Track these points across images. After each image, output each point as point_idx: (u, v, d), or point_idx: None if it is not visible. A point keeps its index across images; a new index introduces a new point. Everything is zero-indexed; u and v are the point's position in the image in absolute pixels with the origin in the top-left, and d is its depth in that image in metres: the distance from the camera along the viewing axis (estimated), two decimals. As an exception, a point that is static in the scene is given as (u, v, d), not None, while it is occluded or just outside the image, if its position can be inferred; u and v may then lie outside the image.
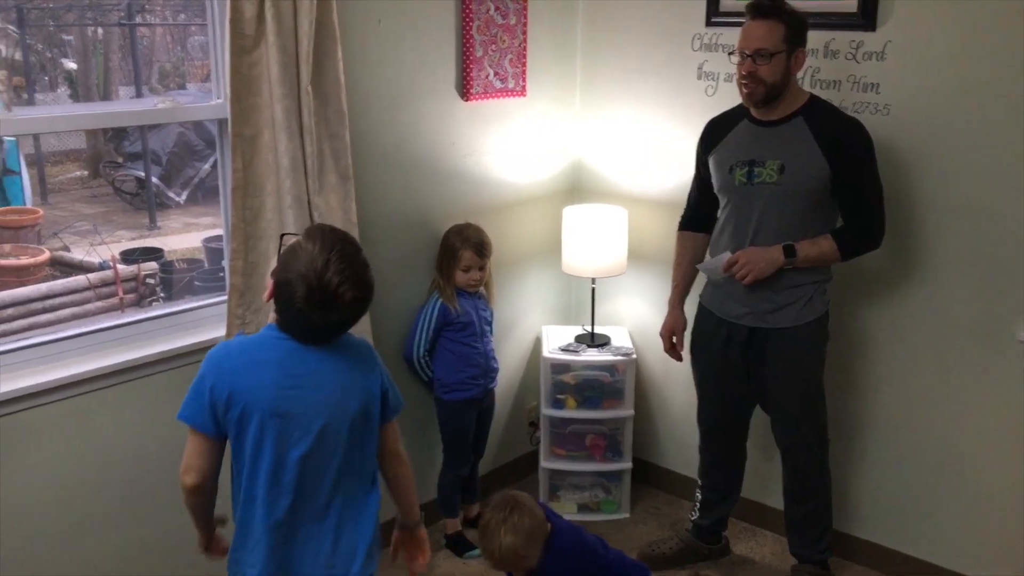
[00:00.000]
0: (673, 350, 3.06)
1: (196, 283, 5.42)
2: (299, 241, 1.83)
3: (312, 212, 2.62)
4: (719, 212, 2.88)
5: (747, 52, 2.61)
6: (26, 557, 2.39)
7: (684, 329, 3.03)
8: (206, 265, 5.81)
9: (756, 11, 2.62)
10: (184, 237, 6.84)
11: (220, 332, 2.65)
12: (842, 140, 2.64)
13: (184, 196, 7.56)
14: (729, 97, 2.97)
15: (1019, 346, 2.74)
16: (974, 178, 2.75)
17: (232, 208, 2.56)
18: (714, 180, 2.85)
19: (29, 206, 6.29)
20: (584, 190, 3.67)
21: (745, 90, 2.67)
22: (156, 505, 2.62)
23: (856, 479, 3.16)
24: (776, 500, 3.09)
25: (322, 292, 1.77)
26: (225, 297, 2.66)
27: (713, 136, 2.87)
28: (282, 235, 1.95)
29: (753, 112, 2.76)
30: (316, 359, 1.88)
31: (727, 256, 2.75)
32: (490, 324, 3.24)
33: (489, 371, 3.21)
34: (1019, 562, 2.87)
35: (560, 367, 3.44)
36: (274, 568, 1.92)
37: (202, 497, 1.94)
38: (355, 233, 2.76)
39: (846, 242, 2.71)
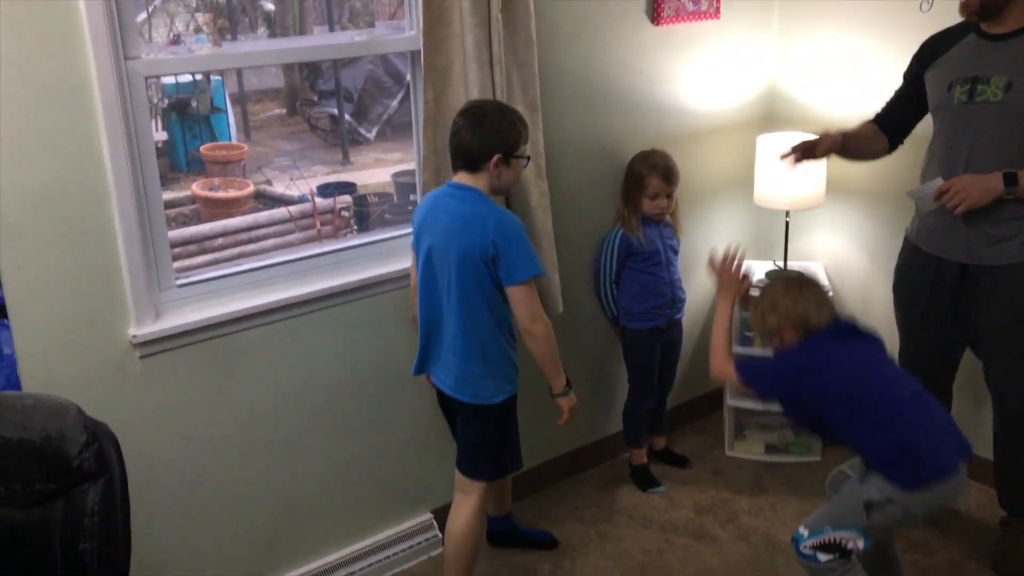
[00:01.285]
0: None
1: (387, 216, 5.61)
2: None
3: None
4: (932, 134, 2.66)
5: None
6: (247, 463, 2.58)
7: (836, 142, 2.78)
8: (395, 199, 5.99)
9: None
10: (375, 172, 7.06)
11: (408, 263, 2.71)
12: None
13: (374, 132, 7.80)
14: (946, 15, 2.71)
15: None
16: None
17: (424, 140, 2.60)
18: (930, 99, 2.64)
19: (235, 142, 6.67)
20: (779, 118, 3.49)
21: (960, 2, 2.47)
22: (353, 424, 2.76)
23: (1079, 431, 2.90)
24: (984, 449, 2.89)
25: None
26: (411, 230, 2.72)
27: (933, 51, 2.64)
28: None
29: (982, 25, 2.51)
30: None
31: (939, 182, 2.54)
32: (676, 252, 3.16)
33: (676, 301, 3.16)
34: None
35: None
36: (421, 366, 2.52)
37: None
38: (542, 163, 2.75)
39: None
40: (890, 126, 2.82)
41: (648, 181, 3.00)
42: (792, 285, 2.32)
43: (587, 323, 3.20)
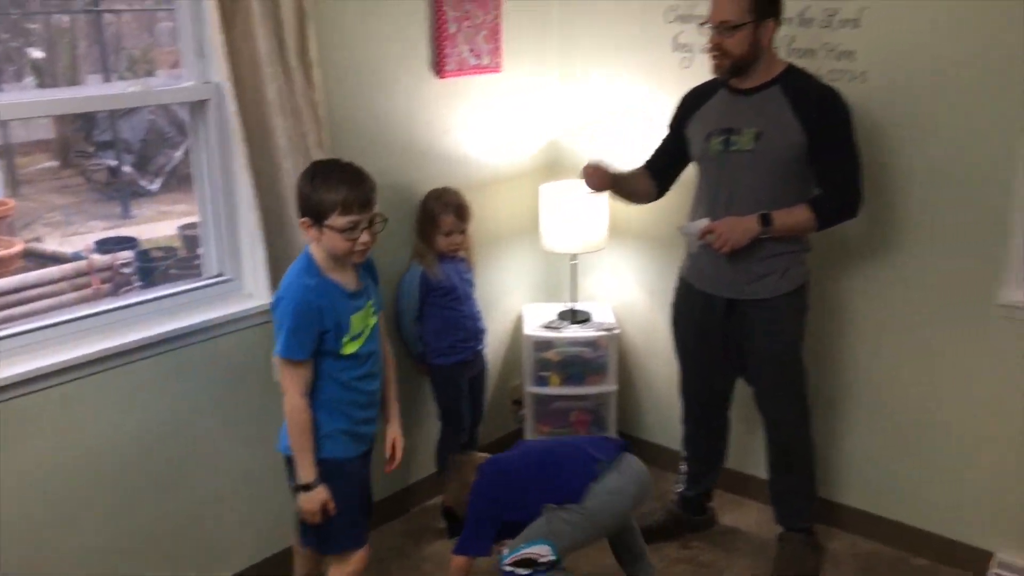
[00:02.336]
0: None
1: (172, 271, 5.37)
2: None
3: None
4: (696, 180, 2.88)
5: (712, 24, 2.61)
6: (15, 545, 2.36)
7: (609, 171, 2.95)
8: (182, 253, 5.75)
9: None
10: (158, 225, 6.76)
11: (198, 318, 2.64)
12: (819, 108, 2.64)
13: (158, 184, 7.47)
14: (705, 69, 2.93)
15: (998, 310, 2.77)
16: (949, 143, 2.76)
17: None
18: (691, 149, 2.85)
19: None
20: (561, 167, 3.66)
21: (713, 62, 2.68)
22: (141, 492, 2.60)
23: (839, 447, 3.18)
24: (761, 470, 3.11)
25: None
26: (201, 283, 2.68)
27: (691, 105, 2.87)
28: None
29: (731, 81, 2.75)
30: None
31: (705, 222, 2.75)
32: (473, 286, 3.23)
33: (478, 332, 3.22)
34: (1001, 523, 2.91)
35: (543, 344, 3.44)
36: None
37: None
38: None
39: (822, 211, 2.70)
40: (658, 173, 3.02)
41: (442, 219, 3.05)
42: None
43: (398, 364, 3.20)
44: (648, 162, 3.05)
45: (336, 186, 2.20)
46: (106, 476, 2.53)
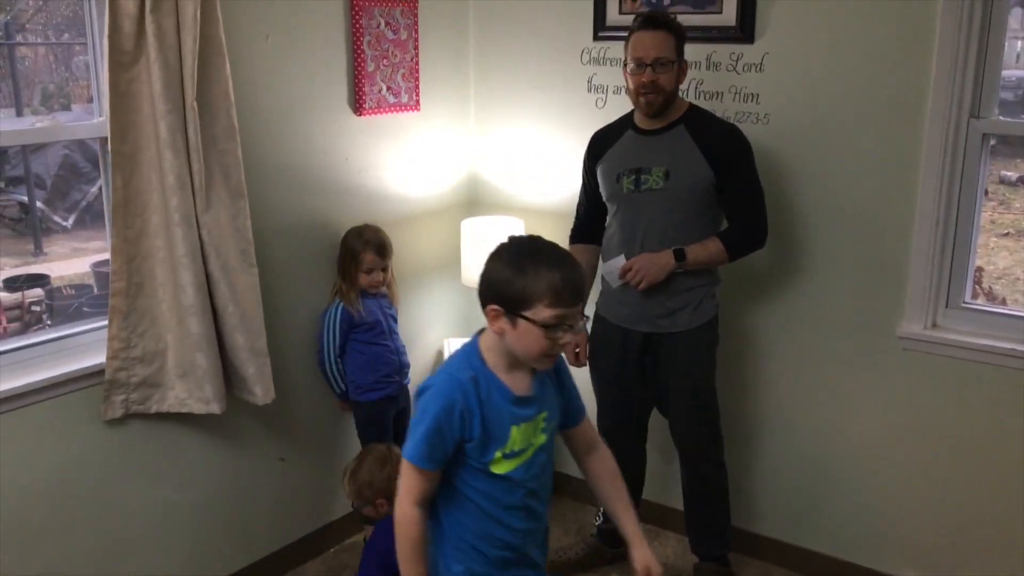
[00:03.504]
0: (577, 359, 3.08)
1: (85, 308, 5.23)
2: None
3: (201, 231, 2.57)
4: (608, 220, 2.94)
5: (647, 62, 2.68)
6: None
7: (587, 340, 3.05)
8: (96, 290, 5.61)
9: (650, 23, 2.70)
10: (72, 262, 6.59)
11: (97, 358, 2.59)
12: (723, 145, 2.74)
13: (72, 220, 7.28)
14: (618, 109, 3.04)
15: (898, 342, 2.88)
16: (849, 182, 2.88)
17: (113, 228, 2.50)
18: (602, 189, 2.91)
19: (-98, 234, 5.97)
20: (482, 203, 3.70)
21: (645, 100, 2.73)
22: (49, 534, 2.52)
23: (752, 476, 3.26)
24: (677, 501, 3.16)
25: None
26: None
27: (599, 147, 2.93)
28: None
29: (637, 123, 2.83)
30: None
31: (621, 261, 2.81)
32: (396, 321, 3.23)
33: (403, 367, 3.21)
34: (909, 550, 3.00)
35: (462, 380, 3.44)
36: None
37: None
38: (250, 251, 2.72)
39: (733, 243, 2.79)
40: (589, 230, 3.04)
41: (363, 256, 3.05)
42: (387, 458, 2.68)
43: (309, 405, 3.18)
44: (577, 228, 3.09)
45: (547, 271, 1.74)
46: (12, 517, 2.44)
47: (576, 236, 3.08)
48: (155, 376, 2.67)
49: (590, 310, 3.01)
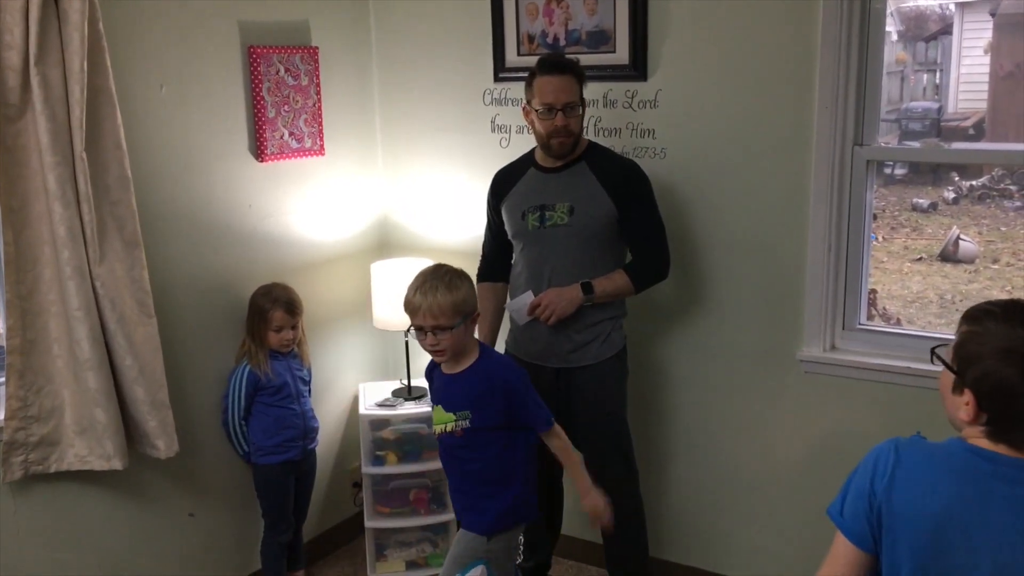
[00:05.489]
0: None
1: None
2: (968, 330, 1.53)
3: (95, 282, 2.53)
4: (514, 258, 2.97)
5: (556, 107, 2.71)
6: None
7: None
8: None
9: (556, 67, 2.74)
10: None
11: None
12: (623, 180, 2.80)
13: None
14: (521, 148, 3.08)
15: (799, 365, 2.94)
16: (745, 212, 2.96)
17: (6, 284, 2.44)
18: (508, 227, 2.94)
19: None
20: (392, 245, 3.70)
21: (557, 143, 2.77)
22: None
23: (666, 505, 3.28)
24: (597, 534, 3.15)
25: None
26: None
27: (503, 186, 2.97)
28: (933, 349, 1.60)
29: (539, 160, 2.88)
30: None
31: (530, 297, 2.84)
32: (308, 384, 3.20)
33: (309, 431, 3.17)
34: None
35: (378, 423, 3.42)
36: None
37: None
38: (148, 301, 2.68)
39: (637, 274, 2.85)
40: (496, 268, 3.07)
41: (272, 315, 3.02)
42: None
43: (217, 458, 3.12)
44: (485, 267, 3.11)
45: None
46: None
47: (483, 275, 3.10)
48: (53, 434, 2.60)
49: (500, 347, 3.05)
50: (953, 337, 1.57)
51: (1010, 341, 1.44)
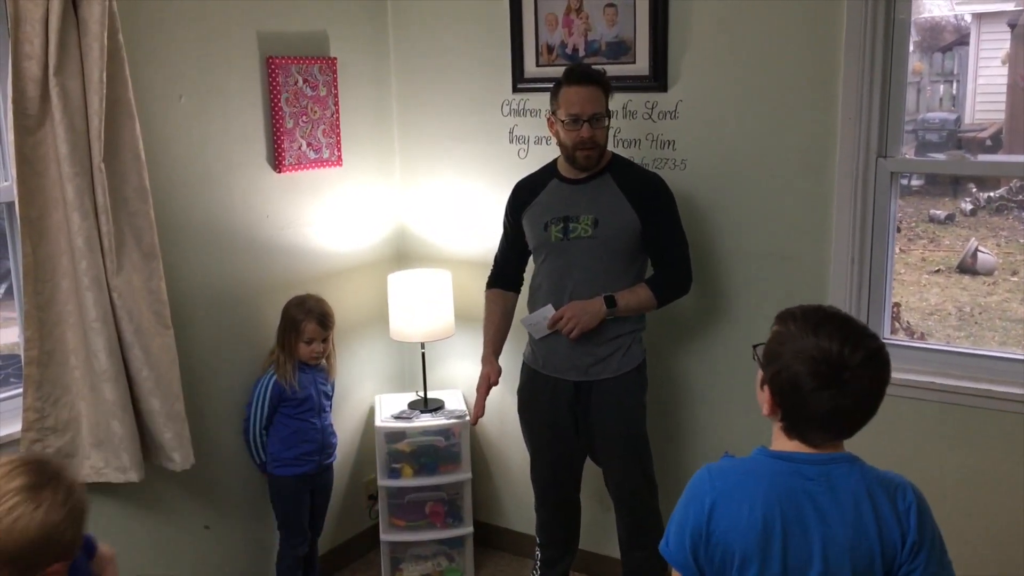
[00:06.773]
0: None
1: (12, 380, 5.07)
2: (775, 330, 1.63)
3: (112, 293, 2.52)
4: (534, 270, 2.94)
5: (583, 118, 2.68)
6: None
7: (499, 375, 3.00)
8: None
9: (583, 78, 2.71)
10: (1, 332, 6.42)
11: (14, 427, 2.51)
12: (647, 193, 2.78)
13: (1, 290, 7.12)
14: (539, 159, 3.06)
15: (821, 379, 2.90)
16: (767, 224, 2.93)
17: (24, 295, 2.44)
18: (529, 239, 2.91)
19: None
20: (408, 256, 3.68)
21: (583, 155, 2.73)
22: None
23: (688, 521, 3.23)
24: (615, 550, 3.12)
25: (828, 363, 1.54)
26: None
27: (524, 197, 2.94)
28: (754, 346, 1.71)
29: (562, 172, 2.85)
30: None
31: (550, 311, 2.81)
32: (330, 399, 3.18)
33: (327, 447, 3.15)
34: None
35: (394, 435, 3.40)
36: None
37: None
38: (165, 312, 2.67)
39: (660, 289, 2.82)
40: (508, 277, 3.06)
41: (304, 326, 3.01)
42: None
43: (233, 470, 3.10)
44: (496, 274, 3.09)
45: None
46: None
47: (494, 281, 3.07)
48: (69, 446, 2.59)
49: (517, 361, 3.02)
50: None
51: (803, 342, 1.55)
